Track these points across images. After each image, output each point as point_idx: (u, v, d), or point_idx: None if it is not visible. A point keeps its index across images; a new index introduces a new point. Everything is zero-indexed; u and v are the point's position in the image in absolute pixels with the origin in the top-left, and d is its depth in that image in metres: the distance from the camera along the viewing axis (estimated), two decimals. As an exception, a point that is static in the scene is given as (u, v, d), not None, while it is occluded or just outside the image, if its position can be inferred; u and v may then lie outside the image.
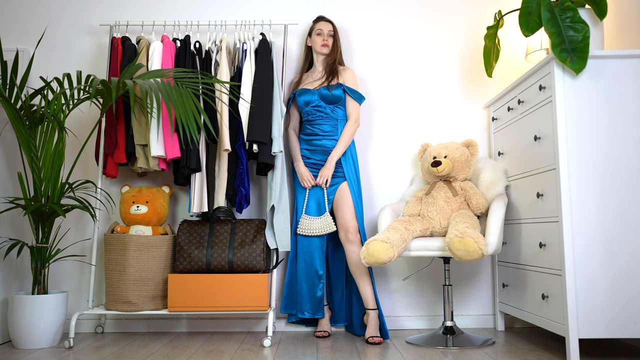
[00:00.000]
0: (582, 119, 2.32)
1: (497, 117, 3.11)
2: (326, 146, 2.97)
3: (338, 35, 3.10)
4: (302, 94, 3.01)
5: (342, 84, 2.99)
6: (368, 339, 2.75)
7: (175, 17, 3.32)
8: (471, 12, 3.34)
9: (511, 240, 2.85)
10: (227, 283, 2.78)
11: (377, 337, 2.74)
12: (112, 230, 2.93)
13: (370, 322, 2.82)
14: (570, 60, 2.29)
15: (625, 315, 2.23)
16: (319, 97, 2.98)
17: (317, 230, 2.90)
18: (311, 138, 3.00)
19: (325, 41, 3.04)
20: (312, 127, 3.01)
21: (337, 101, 2.98)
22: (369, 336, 2.76)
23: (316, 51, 3.08)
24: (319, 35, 3.05)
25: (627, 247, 2.25)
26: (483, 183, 2.87)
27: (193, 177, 2.91)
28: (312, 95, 2.99)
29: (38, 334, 2.69)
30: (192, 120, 2.60)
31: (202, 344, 2.76)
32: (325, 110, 2.98)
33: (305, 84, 3.06)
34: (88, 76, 2.81)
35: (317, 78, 3.06)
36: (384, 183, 3.24)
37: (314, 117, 3.00)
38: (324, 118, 2.99)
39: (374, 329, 2.80)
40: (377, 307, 2.85)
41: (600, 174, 2.30)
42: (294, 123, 3.12)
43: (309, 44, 3.12)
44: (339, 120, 3.00)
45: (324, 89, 2.98)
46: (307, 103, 3.00)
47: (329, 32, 3.06)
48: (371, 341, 2.73)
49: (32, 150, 2.75)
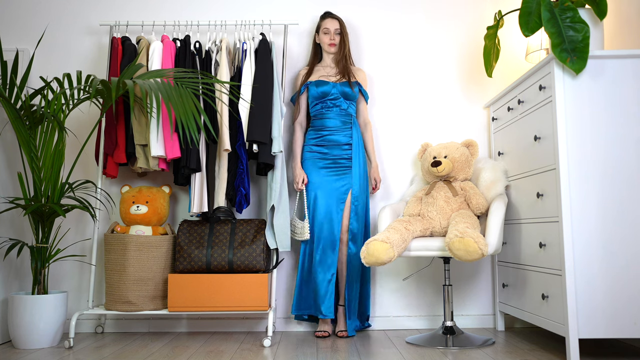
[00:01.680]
0: (582, 119, 2.32)
1: (497, 117, 3.11)
2: (340, 141, 2.98)
3: (346, 31, 3.11)
4: (321, 85, 3.01)
5: (360, 83, 3.08)
6: (337, 333, 2.92)
7: (175, 17, 3.32)
8: (471, 12, 3.34)
9: (511, 240, 2.85)
10: (227, 283, 2.78)
11: (342, 332, 2.89)
12: (112, 230, 2.93)
13: (340, 317, 2.96)
14: (570, 60, 2.29)
15: (625, 315, 2.23)
16: (339, 92, 3.01)
17: (296, 235, 2.97)
18: (324, 133, 3.00)
19: (333, 40, 3.06)
20: (324, 121, 3.01)
21: (354, 99, 3.05)
22: (338, 330, 2.93)
23: (324, 50, 3.10)
24: (326, 35, 3.07)
25: (627, 247, 2.25)
26: (483, 183, 2.87)
27: (193, 177, 2.91)
28: (331, 87, 3.01)
29: (38, 334, 2.69)
30: (192, 120, 2.60)
31: (202, 344, 2.76)
32: (342, 105, 3.02)
33: (320, 76, 3.06)
34: (88, 76, 2.81)
35: (332, 74, 3.08)
36: (384, 183, 3.24)
37: (327, 110, 3.01)
38: (339, 113, 3.01)
39: (342, 324, 2.94)
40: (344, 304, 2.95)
41: (600, 174, 2.29)
42: (302, 117, 3.10)
43: (317, 41, 3.13)
44: (352, 116, 3.04)
45: (344, 85, 3.01)
46: (324, 94, 3.00)
47: (336, 31, 3.07)
48: (340, 335, 2.89)
49: (32, 150, 2.75)
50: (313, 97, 3.04)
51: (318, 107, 3.04)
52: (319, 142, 3.01)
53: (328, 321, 2.97)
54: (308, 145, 3.04)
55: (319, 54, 3.16)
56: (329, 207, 2.94)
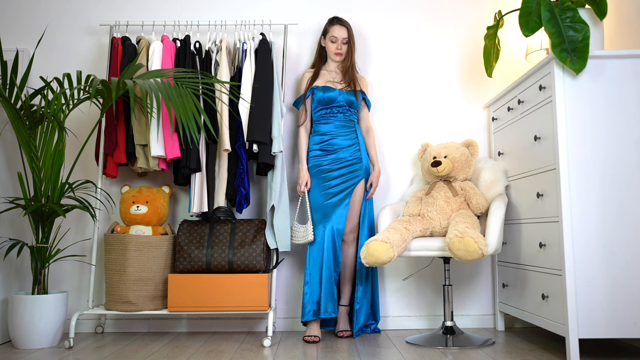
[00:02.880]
0: (582, 119, 2.32)
1: (497, 117, 3.11)
2: (344, 145, 2.98)
3: (353, 39, 3.06)
4: (328, 91, 2.99)
5: (364, 93, 3.08)
6: (337, 332, 2.89)
7: (175, 17, 3.32)
8: (471, 12, 3.34)
9: (511, 240, 2.85)
10: (227, 283, 2.78)
11: (345, 332, 2.87)
12: (112, 230, 2.93)
13: (340, 316, 2.93)
14: (570, 60, 2.29)
15: (625, 315, 2.23)
16: (344, 100, 3.00)
17: (298, 239, 2.92)
18: (327, 138, 2.98)
19: (339, 50, 3.03)
20: (328, 126, 3.00)
21: (357, 107, 3.05)
22: (338, 330, 2.90)
23: (330, 57, 3.09)
24: (334, 43, 3.03)
25: (627, 247, 2.25)
26: (483, 183, 2.87)
27: (193, 177, 2.91)
28: (338, 94, 3.00)
29: (38, 334, 2.69)
30: (192, 120, 2.60)
31: (202, 344, 2.76)
32: (345, 112, 3.01)
33: (326, 82, 3.04)
34: (88, 76, 2.81)
35: (337, 80, 3.06)
36: (384, 183, 3.24)
37: (331, 116, 3.00)
38: (342, 120, 3.00)
39: (343, 324, 2.91)
40: (348, 304, 2.95)
41: (600, 174, 2.29)
42: (308, 121, 3.06)
43: (322, 44, 3.10)
44: (354, 122, 3.05)
45: (350, 94, 3.01)
46: (331, 100, 2.99)
47: (343, 40, 3.02)
48: (340, 335, 2.87)
49: (32, 150, 2.75)
50: (318, 102, 3.01)
51: (322, 112, 3.02)
52: (324, 146, 2.98)
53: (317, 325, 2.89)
54: (313, 150, 3.01)
55: (324, 57, 3.13)
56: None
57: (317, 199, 2.93)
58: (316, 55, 3.14)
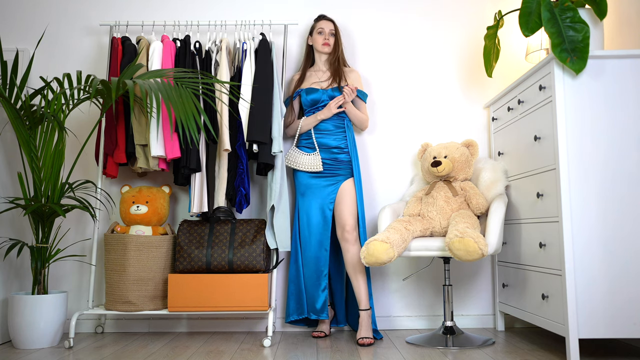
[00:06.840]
0: (582, 119, 2.32)
1: (497, 117, 3.11)
2: (330, 145, 2.97)
3: (340, 34, 3.11)
4: (311, 93, 3.01)
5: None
6: (358, 340, 2.71)
7: (175, 17, 3.32)
8: (471, 12, 3.34)
9: (511, 240, 2.85)
10: (227, 283, 2.78)
11: (367, 339, 2.70)
12: (112, 230, 2.93)
13: (362, 323, 2.77)
14: (570, 60, 2.29)
15: (625, 315, 2.23)
16: (329, 98, 2.99)
17: (304, 166, 2.92)
18: (315, 136, 2.99)
19: (327, 40, 3.05)
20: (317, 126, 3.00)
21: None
22: (359, 337, 2.72)
23: (317, 50, 3.09)
24: (320, 34, 3.06)
25: (627, 247, 2.25)
26: (483, 183, 2.87)
27: (193, 177, 2.91)
28: (321, 94, 3.00)
29: (38, 334, 2.69)
30: (192, 120, 2.60)
31: (202, 344, 2.76)
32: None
33: (312, 83, 3.06)
34: (88, 76, 2.81)
35: (324, 79, 3.06)
36: (384, 183, 3.24)
37: None
38: (331, 119, 2.99)
39: (365, 330, 2.75)
40: (370, 307, 2.82)
41: (600, 174, 2.29)
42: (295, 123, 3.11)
43: (310, 42, 3.12)
44: (345, 119, 3.02)
45: (334, 90, 3.00)
46: (315, 102, 3.00)
47: (330, 31, 3.06)
48: (361, 342, 2.69)
49: (32, 150, 2.75)
50: (305, 104, 3.05)
51: (310, 114, 3.04)
52: (309, 144, 3.00)
53: (328, 323, 2.96)
54: (300, 147, 3.03)
55: (312, 57, 3.15)
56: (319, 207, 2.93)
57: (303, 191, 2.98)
58: (304, 57, 3.16)
